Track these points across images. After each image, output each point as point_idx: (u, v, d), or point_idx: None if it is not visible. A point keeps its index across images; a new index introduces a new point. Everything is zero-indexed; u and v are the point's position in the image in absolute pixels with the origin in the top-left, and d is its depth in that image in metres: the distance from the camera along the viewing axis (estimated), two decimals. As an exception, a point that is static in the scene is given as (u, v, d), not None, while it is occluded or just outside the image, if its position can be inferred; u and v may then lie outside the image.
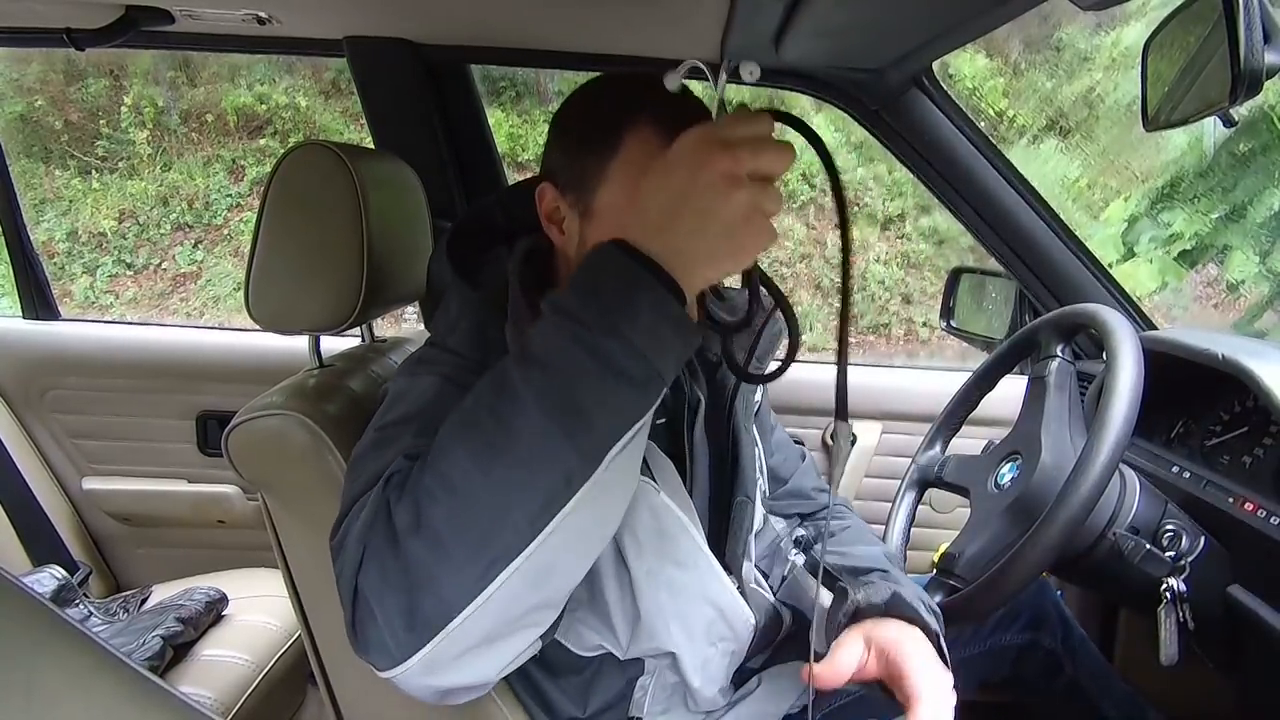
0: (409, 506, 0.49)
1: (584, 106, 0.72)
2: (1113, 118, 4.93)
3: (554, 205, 0.71)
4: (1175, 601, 0.78)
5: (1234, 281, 3.73)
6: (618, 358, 0.48)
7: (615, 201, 0.67)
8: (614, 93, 0.71)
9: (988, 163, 1.21)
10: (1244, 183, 3.45)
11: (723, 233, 0.49)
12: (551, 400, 0.48)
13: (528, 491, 0.48)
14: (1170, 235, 3.77)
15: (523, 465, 0.48)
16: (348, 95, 5.47)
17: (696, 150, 0.50)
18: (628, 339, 0.48)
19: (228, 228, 5.43)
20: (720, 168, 0.49)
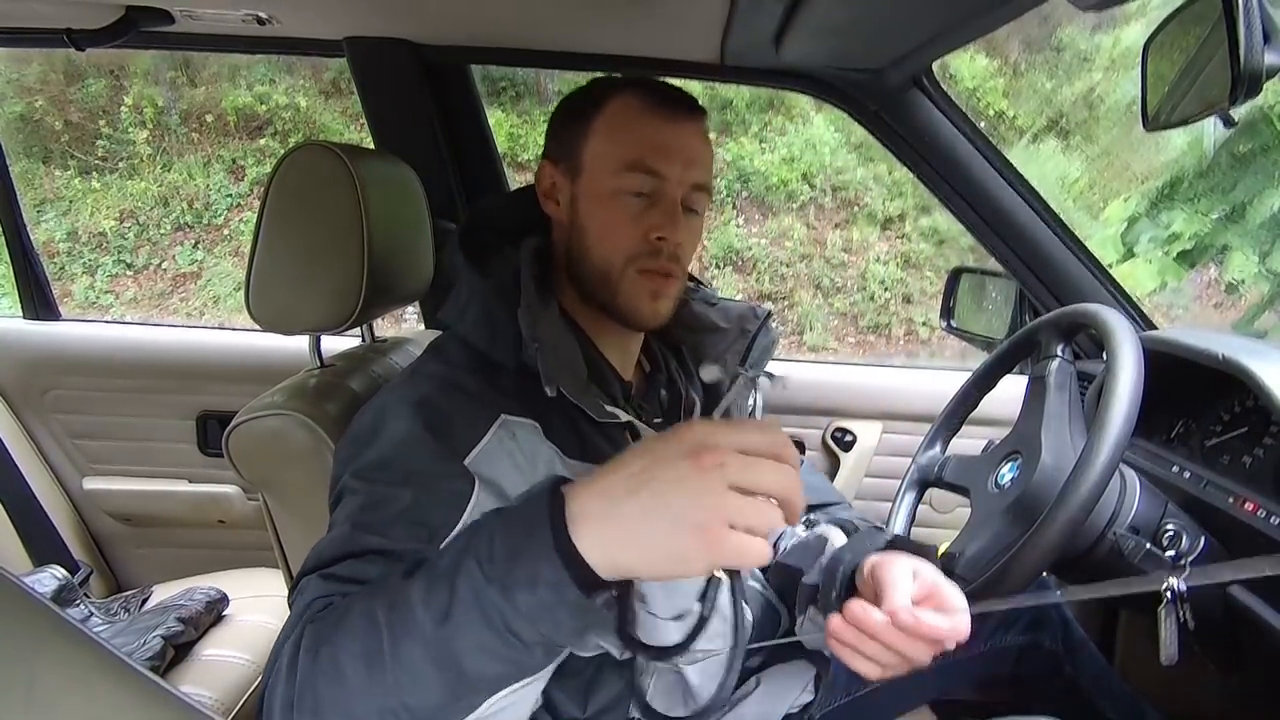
0: (310, 655, 0.50)
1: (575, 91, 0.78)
2: (1113, 118, 4.93)
3: (550, 180, 0.76)
4: (1175, 601, 0.78)
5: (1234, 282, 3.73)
6: (507, 617, 0.45)
7: (598, 151, 0.73)
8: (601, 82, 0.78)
9: (988, 163, 1.21)
10: (1244, 183, 3.45)
11: (670, 530, 0.43)
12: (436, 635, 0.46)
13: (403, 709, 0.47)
14: (1170, 235, 3.77)
15: (399, 690, 0.47)
16: (348, 95, 5.47)
17: (690, 433, 0.45)
18: (518, 606, 0.45)
19: (228, 228, 5.43)
20: (703, 461, 0.43)
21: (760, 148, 5.52)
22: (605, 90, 0.74)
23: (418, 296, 1.04)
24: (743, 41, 1.07)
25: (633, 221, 0.72)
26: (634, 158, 0.71)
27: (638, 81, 0.75)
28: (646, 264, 0.72)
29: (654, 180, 0.72)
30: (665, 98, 0.73)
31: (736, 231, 5.45)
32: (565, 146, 0.75)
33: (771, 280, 5.39)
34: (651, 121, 0.73)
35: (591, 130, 0.73)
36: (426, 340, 1.07)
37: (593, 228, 0.73)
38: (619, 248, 0.72)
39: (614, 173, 0.72)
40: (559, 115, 0.78)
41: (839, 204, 5.53)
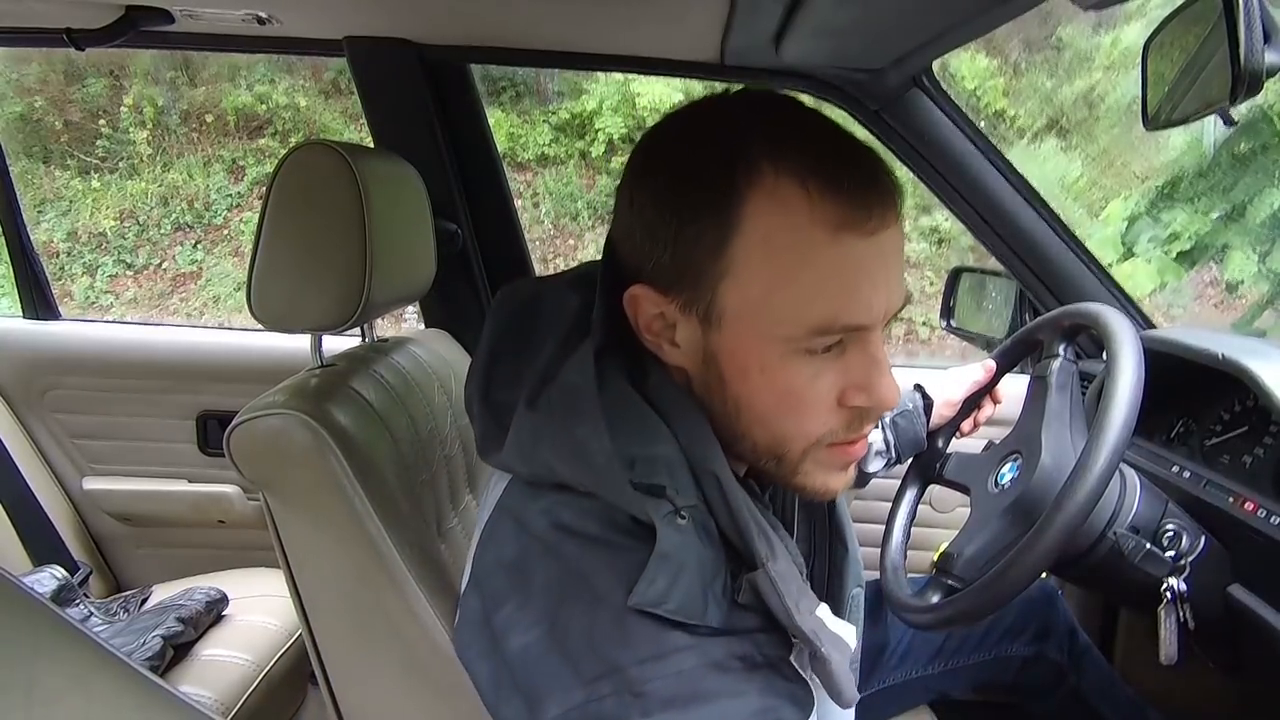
0: None
1: (670, 162, 0.51)
2: (1113, 118, 4.93)
3: (655, 313, 0.52)
4: (1175, 601, 0.78)
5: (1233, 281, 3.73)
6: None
7: (753, 300, 0.48)
8: (709, 135, 0.50)
9: (988, 162, 1.21)
10: (1244, 182, 3.45)
11: None
12: None
13: None
14: (1170, 235, 3.76)
15: None
16: (348, 95, 5.47)
17: None
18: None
19: (228, 228, 5.43)
20: None
21: (760, 147, 5.51)
22: (738, 172, 0.47)
23: (419, 296, 1.04)
24: (743, 41, 1.07)
25: (824, 392, 0.50)
26: (821, 321, 0.48)
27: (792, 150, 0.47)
28: (841, 436, 0.52)
29: (850, 332, 0.49)
30: (851, 195, 0.47)
31: (736, 231, 5.45)
32: (681, 277, 0.49)
33: (771, 280, 5.38)
34: (841, 247, 0.47)
35: (731, 260, 0.47)
36: (428, 340, 1.07)
37: (757, 404, 0.51)
38: (803, 431, 0.51)
39: (787, 339, 0.48)
40: (657, 216, 0.50)
41: (839, 204, 5.53)
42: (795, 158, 0.47)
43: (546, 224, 5.41)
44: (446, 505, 0.93)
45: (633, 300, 0.52)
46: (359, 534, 0.73)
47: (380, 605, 0.74)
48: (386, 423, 0.82)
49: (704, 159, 0.49)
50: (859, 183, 0.47)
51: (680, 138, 0.52)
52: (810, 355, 0.49)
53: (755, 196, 0.47)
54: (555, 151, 5.46)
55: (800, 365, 0.49)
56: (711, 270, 0.48)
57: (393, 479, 0.78)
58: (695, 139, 0.51)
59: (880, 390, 0.50)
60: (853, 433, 0.53)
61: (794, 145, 0.47)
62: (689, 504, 0.48)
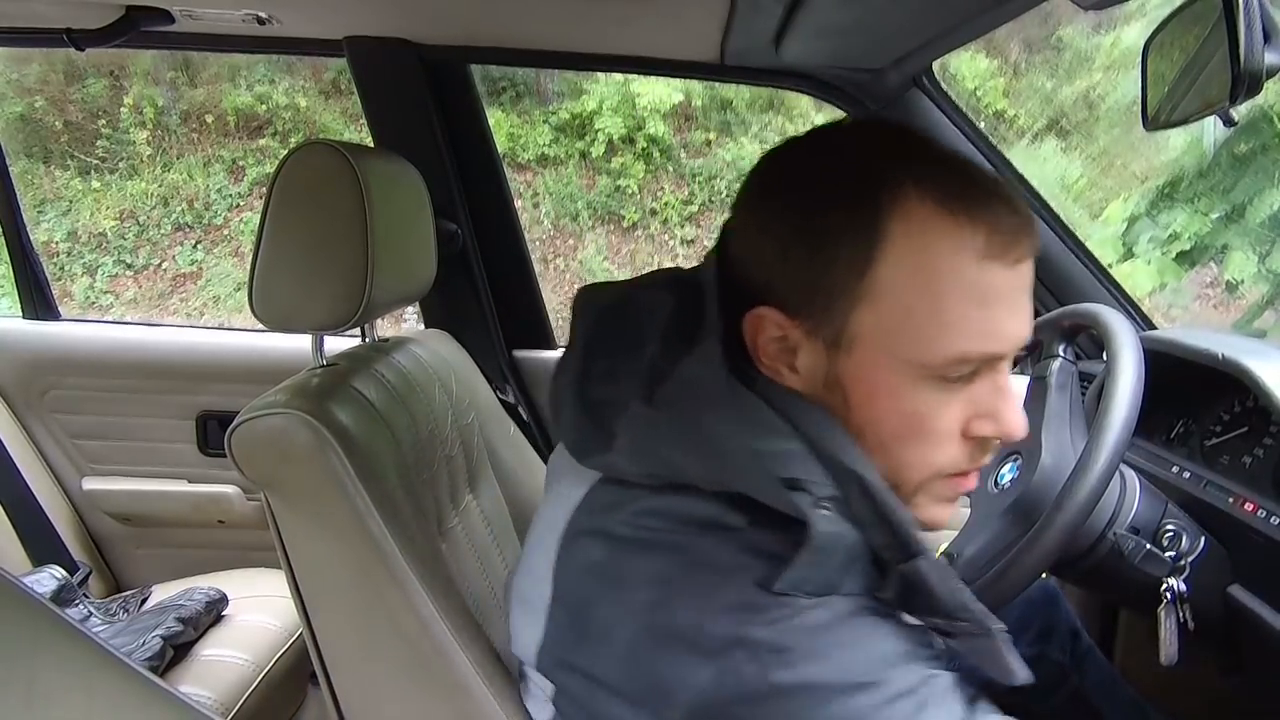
0: None
1: (806, 184, 0.50)
2: (1113, 118, 4.93)
3: (777, 335, 0.50)
4: (1175, 601, 0.78)
5: (1234, 281, 3.72)
6: None
7: (886, 324, 0.47)
8: (849, 157, 0.50)
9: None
10: (1244, 183, 3.45)
11: None
12: None
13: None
14: (1170, 235, 3.76)
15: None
16: (348, 95, 5.47)
17: None
18: None
19: (228, 228, 5.43)
20: None
21: (760, 148, 5.51)
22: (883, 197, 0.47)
23: (420, 296, 1.04)
24: (743, 41, 1.07)
25: (951, 421, 0.50)
26: (961, 351, 0.48)
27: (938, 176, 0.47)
28: (962, 467, 0.52)
29: (985, 361, 0.49)
30: (1000, 223, 0.47)
31: (736, 231, 5.45)
32: (809, 295, 0.49)
33: (771, 280, 5.39)
34: (986, 275, 0.47)
35: (870, 285, 0.47)
36: (429, 340, 1.07)
37: (882, 431, 0.50)
38: (926, 459, 0.51)
39: (923, 366, 0.48)
40: (788, 236, 0.49)
41: (839, 204, 5.53)
42: (940, 184, 0.47)
43: (546, 224, 5.41)
44: (447, 505, 0.93)
45: (755, 321, 0.51)
46: (360, 533, 0.73)
47: (382, 604, 0.74)
48: (388, 422, 0.82)
49: (843, 181, 0.48)
50: (1004, 212, 0.47)
51: (814, 160, 0.51)
52: (941, 383, 0.49)
53: (899, 221, 0.46)
54: (555, 152, 5.46)
55: (930, 393, 0.49)
56: (848, 294, 0.48)
57: (394, 478, 0.78)
58: (832, 161, 0.50)
59: (1008, 420, 0.50)
60: (972, 463, 0.52)
61: (937, 172, 0.47)
62: (828, 494, 0.47)
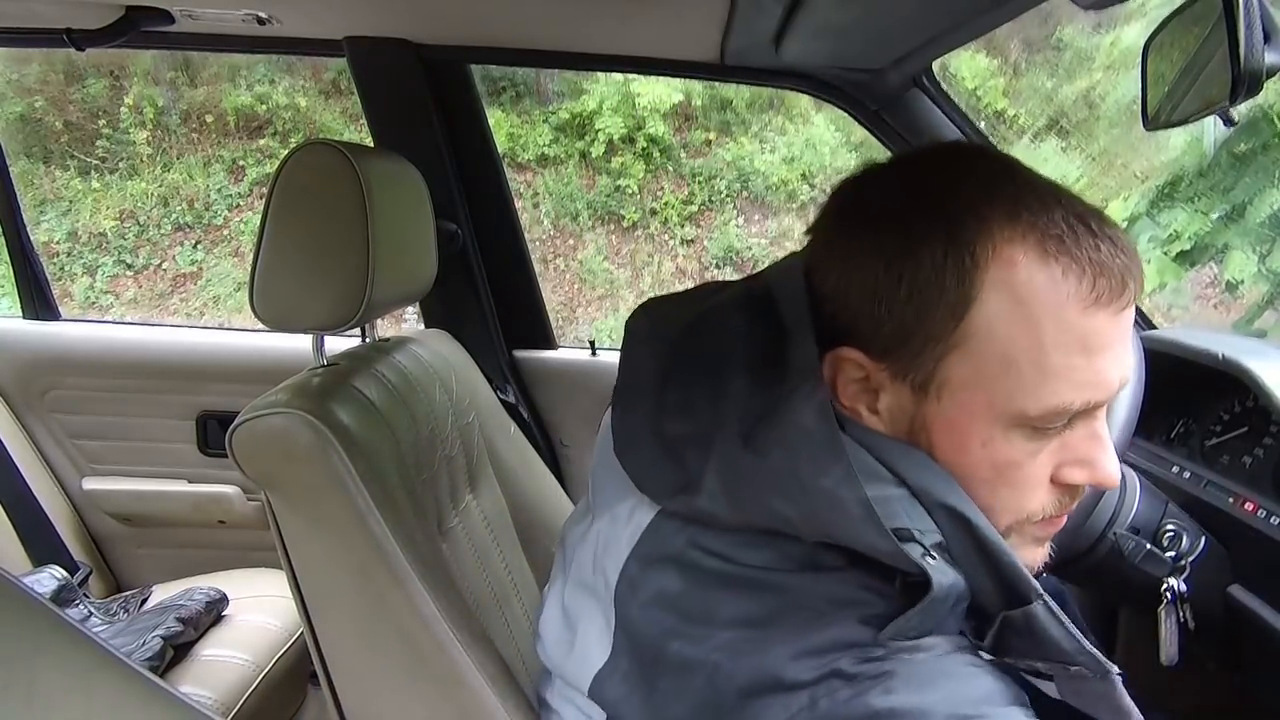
0: None
1: (897, 224, 0.47)
2: (1113, 118, 4.93)
3: (859, 376, 0.49)
4: (1175, 601, 0.78)
5: (1234, 281, 3.72)
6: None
7: (983, 370, 0.45)
8: (941, 190, 0.47)
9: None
10: (1244, 183, 3.45)
11: None
12: None
13: None
14: (1170, 235, 3.76)
15: None
16: (348, 95, 5.47)
17: None
18: None
19: (228, 228, 5.43)
20: None
21: (760, 148, 5.52)
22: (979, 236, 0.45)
23: (420, 296, 1.04)
24: (743, 41, 1.07)
25: (1042, 468, 0.49)
26: (1066, 401, 0.46)
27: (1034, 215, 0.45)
28: (1050, 512, 0.51)
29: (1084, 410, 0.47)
30: (1102, 269, 0.44)
31: (736, 231, 5.45)
32: (903, 339, 0.47)
33: (771, 280, 5.39)
34: (1089, 323, 0.45)
35: (968, 331, 0.45)
36: (429, 340, 1.07)
37: (969, 477, 0.48)
38: (1015, 507, 0.50)
39: (1019, 417, 0.46)
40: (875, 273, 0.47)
41: (839, 204, 5.53)
42: (1040, 224, 0.45)
43: (546, 224, 5.41)
44: (447, 504, 0.93)
45: (837, 361, 0.49)
46: (361, 532, 0.73)
47: (383, 603, 0.74)
48: (389, 422, 0.82)
49: (936, 221, 0.46)
50: (1109, 253, 0.45)
51: (903, 195, 0.49)
52: (1036, 433, 0.47)
53: (998, 267, 0.44)
54: (555, 151, 5.46)
55: (1024, 441, 0.47)
56: (941, 341, 0.46)
57: (395, 478, 0.78)
58: (922, 199, 0.48)
59: (1103, 468, 0.49)
60: (1060, 510, 0.51)
61: (1036, 209, 0.45)
62: (935, 541, 0.46)
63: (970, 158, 0.51)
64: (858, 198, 0.52)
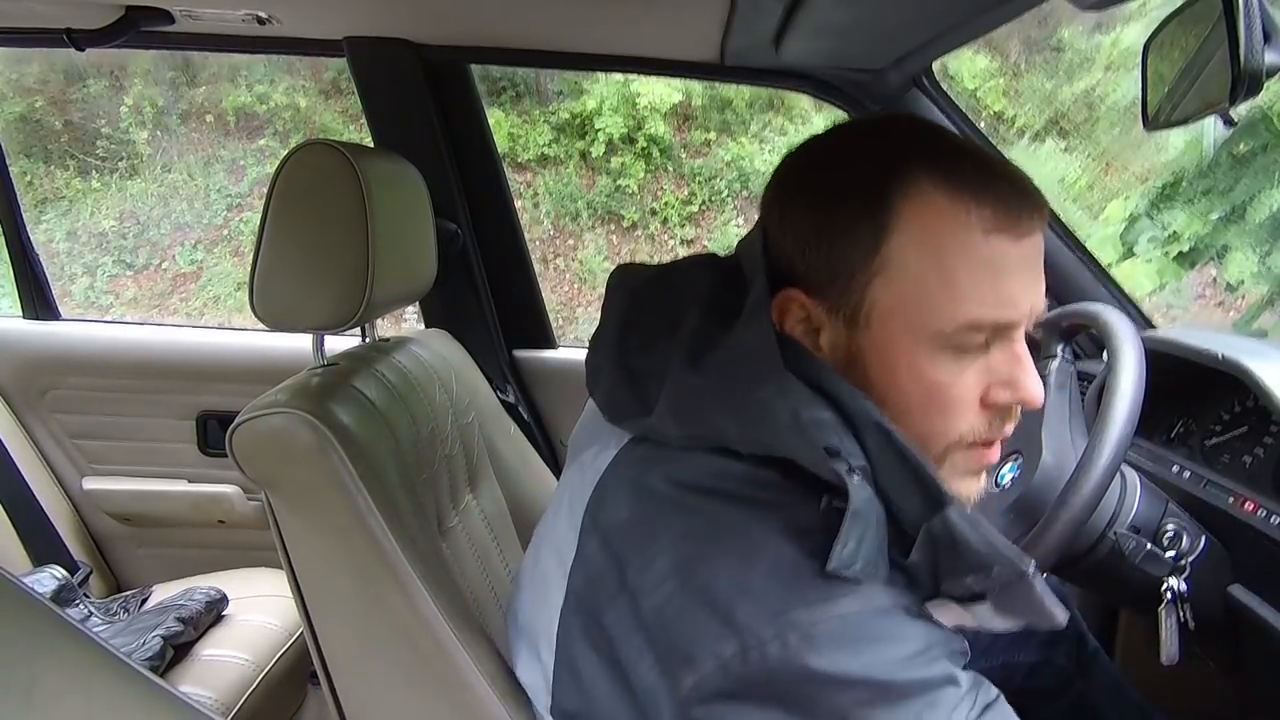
0: None
1: (822, 173, 0.54)
2: (1113, 118, 4.93)
3: (802, 316, 0.54)
4: (1176, 601, 0.78)
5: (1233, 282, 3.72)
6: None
7: (900, 297, 0.50)
8: (861, 147, 0.54)
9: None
10: (1244, 183, 3.45)
11: None
12: None
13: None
14: (1170, 235, 3.76)
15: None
16: (348, 95, 5.47)
17: None
18: None
19: (228, 228, 5.43)
20: None
21: (760, 148, 5.52)
22: (892, 179, 0.50)
23: (420, 296, 1.04)
24: (743, 41, 1.07)
25: (969, 389, 0.52)
26: (972, 318, 0.50)
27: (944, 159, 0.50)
28: (983, 436, 0.54)
29: (998, 330, 0.52)
30: (1002, 199, 0.50)
31: (736, 231, 5.44)
32: (829, 275, 0.52)
33: (771, 280, 5.39)
34: (993, 247, 0.49)
35: (884, 261, 0.50)
36: (429, 340, 1.07)
37: (902, 402, 0.52)
38: (947, 428, 0.53)
39: (937, 335, 0.50)
40: (808, 221, 0.53)
41: (839, 204, 5.53)
42: (945, 166, 0.50)
43: (546, 224, 5.41)
44: (447, 504, 0.93)
45: (784, 302, 0.54)
46: (362, 532, 0.73)
47: (383, 603, 0.74)
48: (388, 421, 0.82)
49: (858, 169, 0.52)
50: (1008, 189, 0.50)
51: (831, 153, 0.55)
52: (957, 353, 0.51)
53: (910, 200, 0.50)
54: (555, 151, 5.46)
55: (947, 362, 0.51)
56: (864, 271, 0.51)
57: (395, 477, 0.78)
58: (847, 152, 0.54)
59: (1026, 387, 0.52)
60: (994, 432, 0.54)
61: (943, 155, 0.51)
62: (860, 464, 0.48)
63: (892, 120, 0.57)
64: (793, 164, 0.57)
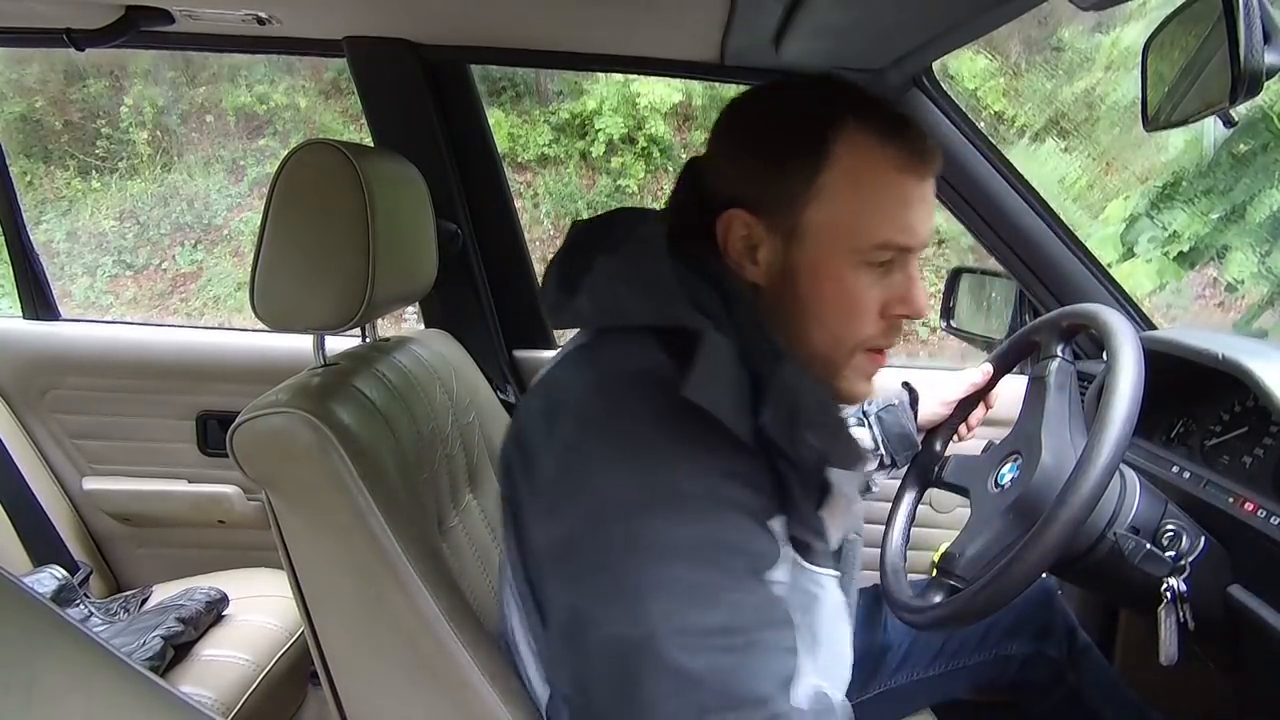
0: None
1: (770, 117, 0.65)
2: (1113, 118, 4.93)
3: (743, 234, 0.63)
4: (1175, 601, 0.78)
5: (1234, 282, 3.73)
6: None
7: (832, 220, 0.61)
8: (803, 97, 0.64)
9: (988, 163, 1.21)
10: (1244, 183, 3.45)
11: None
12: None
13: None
14: (1170, 235, 3.76)
15: None
16: (348, 95, 5.46)
17: None
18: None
19: (228, 228, 5.43)
20: None
21: (760, 148, 5.52)
22: (824, 126, 0.61)
23: (420, 296, 1.04)
24: (743, 41, 1.07)
25: (874, 300, 0.63)
26: (885, 238, 0.61)
27: (870, 112, 0.61)
28: (879, 343, 0.65)
29: (900, 252, 0.63)
30: (911, 147, 0.61)
31: (736, 231, 5.45)
32: (773, 199, 0.62)
33: (771, 280, 5.39)
34: (902, 183, 0.61)
35: (819, 188, 0.60)
36: (429, 340, 1.07)
37: (823, 308, 0.63)
38: (855, 331, 0.63)
39: (856, 250, 0.61)
40: (756, 154, 0.63)
41: (839, 204, 5.53)
42: (870, 115, 0.61)
43: (546, 224, 5.41)
44: (448, 504, 0.93)
45: (728, 220, 0.63)
46: (362, 532, 0.73)
47: (384, 602, 0.74)
48: (389, 421, 0.82)
49: (798, 113, 0.63)
50: (916, 138, 0.62)
51: (773, 100, 0.66)
52: (869, 268, 0.62)
53: (842, 142, 0.60)
54: (555, 151, 5.46)
55: (862, 275, 0.62)
56: (802, 196, 0.61)
57: (395, 477, 0.78)
58: (790, 102, 0.65)
59: (916, 301, 0.64)
60: (888, 340, 0.65)
61: (869, 106, 0.62)
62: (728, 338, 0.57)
63: (825, 79, 0.67)
64: (737, 110, 0.67)
